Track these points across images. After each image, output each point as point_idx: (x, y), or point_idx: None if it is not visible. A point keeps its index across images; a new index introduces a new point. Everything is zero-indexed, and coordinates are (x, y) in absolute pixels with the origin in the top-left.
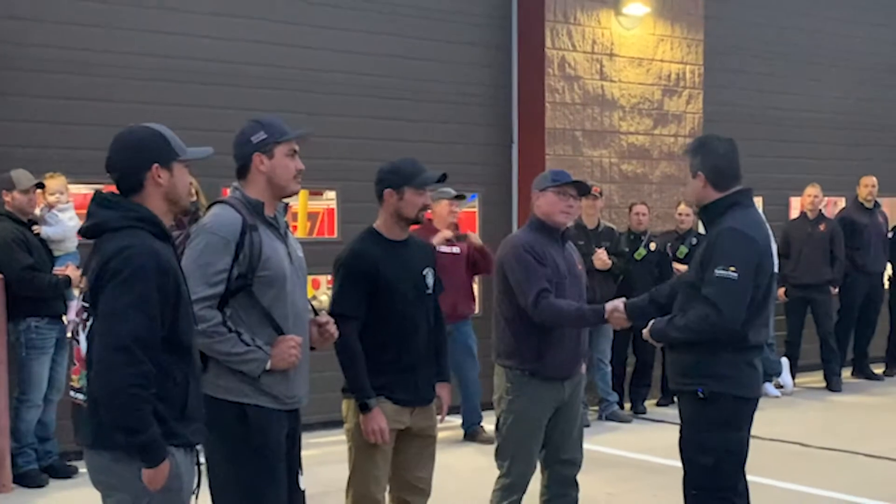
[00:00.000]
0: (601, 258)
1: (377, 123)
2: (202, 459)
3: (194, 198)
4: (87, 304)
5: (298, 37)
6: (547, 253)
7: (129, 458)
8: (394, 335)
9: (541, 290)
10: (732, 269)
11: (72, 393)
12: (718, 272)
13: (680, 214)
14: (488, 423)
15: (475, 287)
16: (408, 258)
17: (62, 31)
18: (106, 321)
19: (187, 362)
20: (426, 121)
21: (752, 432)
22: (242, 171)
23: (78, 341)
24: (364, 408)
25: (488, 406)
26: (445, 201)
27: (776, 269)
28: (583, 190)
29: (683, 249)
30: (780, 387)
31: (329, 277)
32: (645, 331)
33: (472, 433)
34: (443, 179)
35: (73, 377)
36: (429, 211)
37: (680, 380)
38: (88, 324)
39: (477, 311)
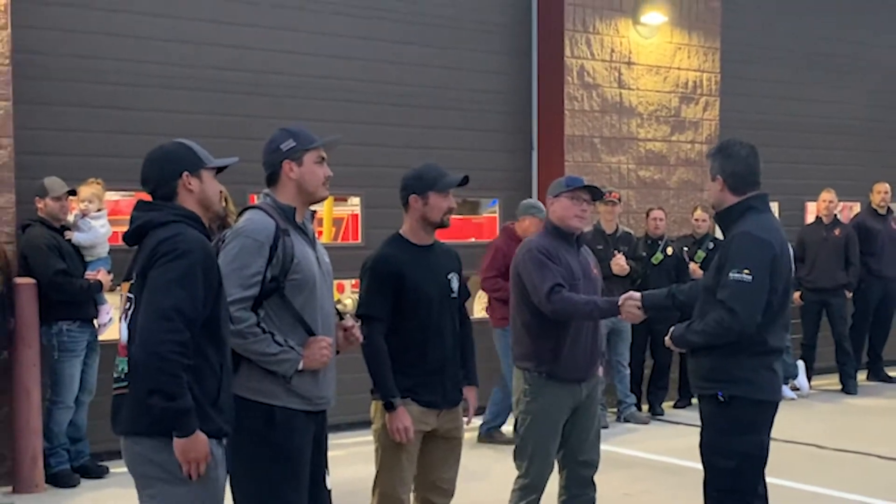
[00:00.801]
0: (619, 263)
1: (400, 131)
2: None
3: (223, 204)
4: (131, 296)
5: (323, 46)
6: (561, 256)
7: (169, 447)
8: (419, 338)
9: (554, 284)
10: (747, 271)
11: (114, 385)
12: (733, 275)
13: (696, 219)
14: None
15: None
16: (433, 263)
17: (95, 42)
18: (151, 294)
19: (223, 353)
20: (448, 127)
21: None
22: (273, 178)
23: (120, 331)
24: (389, 406)
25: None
26: (536, 219)
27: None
28: (596, 195)
29: (700, 254)
30: (796, 389)
31: (353, 281)
32: (667, 338)
33: (489, 434)
34: (465, 182)
35: (116, 368)
36: (520, 223)
37: (700, 383)
38: (130, 313)
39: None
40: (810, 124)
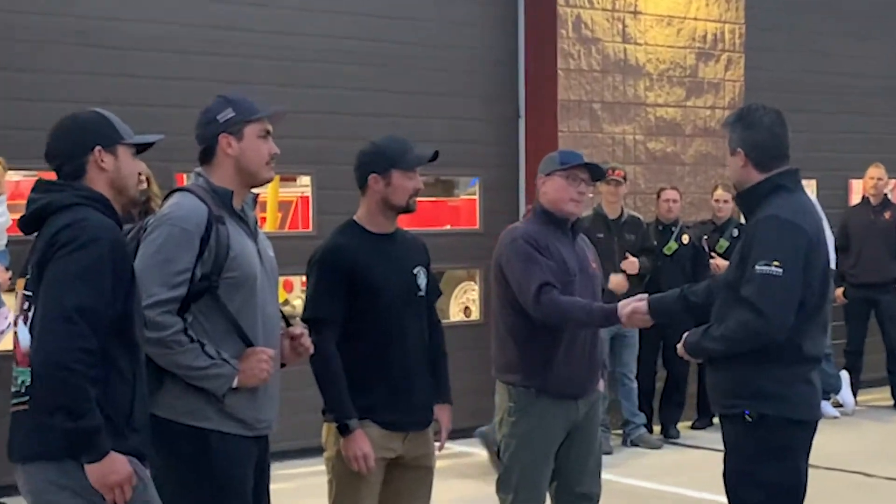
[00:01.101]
0: (632, 264)
1: (359, 96)
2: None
3: (144, 185)
4: (29, 293)
5: None
6: (552, 247)
7: (80, 468)
8: (379, 346)
9: (543, 283)
10: (776, 263)
11: (13, 401)
12: (759, 268)
13: (717, 201)
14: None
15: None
16: (396, 255)
17: None
18: (50, 289)
19: (136, 360)
20: (416, 92)
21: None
22: (207, 155)
23: (19, 336)
24: (344, 430)
25: (462, 431)
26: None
27: (833, 265)
28: (596, 174)
29: (723, 243)
30: (839, 405)
31: (304, 279)
32: (679, 345)
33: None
34: (434, 158)
35: (15, 381)
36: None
37: (723, 401)
38: (30, 315)
39: (476, 315)
40: (856, 86)
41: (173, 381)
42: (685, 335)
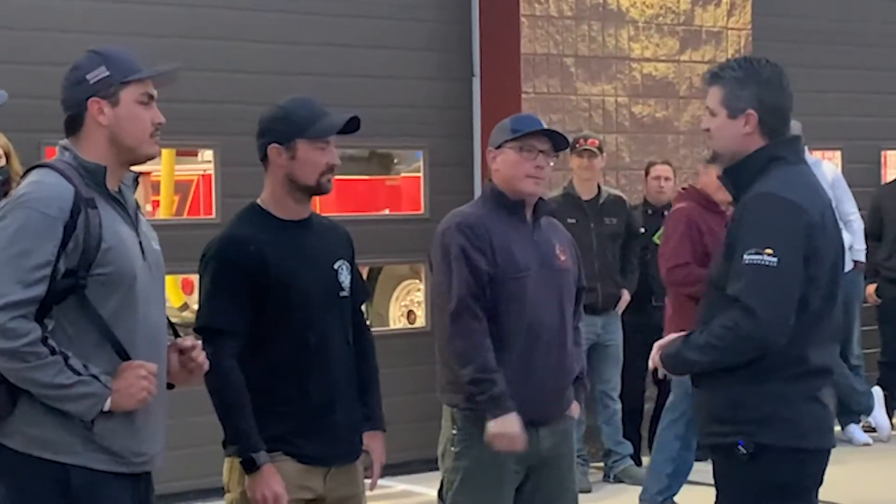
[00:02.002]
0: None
1: (275, 50)
2: None
3: (2, 162)
4: None
5: None
6: (499, 237)
7: None
8: (293, 360)
9: (463, 296)
10: (769, 251)
11: None
12: (749, 258)
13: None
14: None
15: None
16: (310, 246)
17: None
18: None
19: None
20: (345, 45)
21: (829, 496)
22: (74, 124)
23: None
24: (249, 465)
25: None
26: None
27: (861, 257)
28: (559, 143)
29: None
30: (871, 430)
31: None
32: (654, 355)
33: None
34: (353, 127)
35: None
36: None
37: (711, 428)
38: None
39: (422, 321)
40: (888, 35)
41: (29, 402)
42: (658, 346)
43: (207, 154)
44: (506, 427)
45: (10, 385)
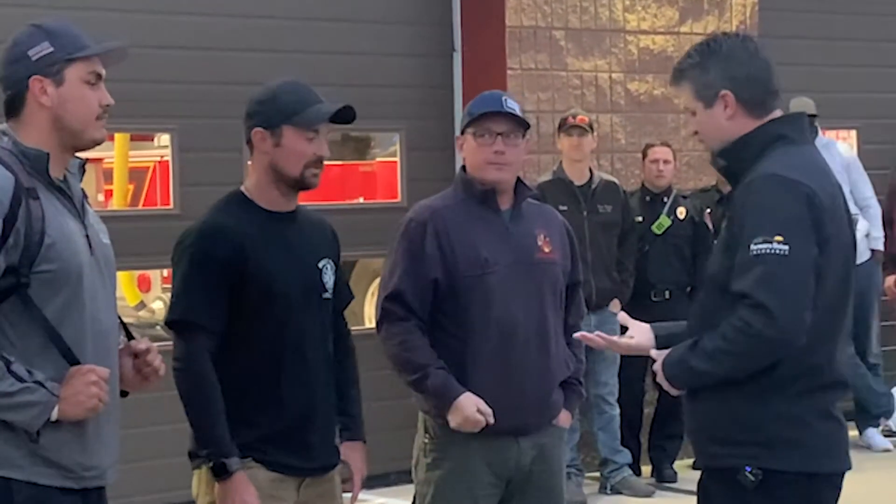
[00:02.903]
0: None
1: (238, 25)
2: None
3: None
4: None
5: None
6: (459, 232)
7: None
8: (270, 362)
9: (384, 300)
10: (779, 238)
11: None
12: (757, 248)
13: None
14: None
15: None
16: (296, 241)
17: None
18: None
19: None
20: (315, 20)
21: None
22: (14, 105)
23: None
24: (220, 471)
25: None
26: None
27: (879, 245)
28: (521, 123)
29: None
30: (891, 434)
31: (165, 273)
32: (657, 366)
33: None
34: (347, 117)
35: None
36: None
37: (710, 449)
38: None
39: None
40: None
41: None
42: (663, 355)
43: (164, 139)
44: (461, 414)
45: None
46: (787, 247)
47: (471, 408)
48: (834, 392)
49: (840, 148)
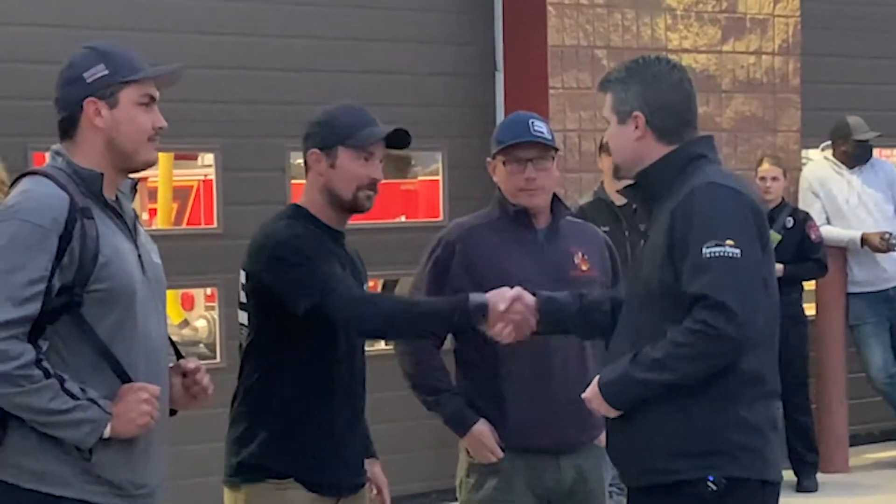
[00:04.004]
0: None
1: (281, 45)
2: None
3: None
4: None
5: None
6: (489, 250)
7: None
8: (322, 381)
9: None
10: (730, 242)
11: None
12: (710, 251)
13: (763, 179)
14: None
15: None
16: (346, 260)
17: None
18: None
19: None
20: (358, 39)
21: None
22: (69, 127)
23: None
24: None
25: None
26: None
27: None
28: (550, 146)
29: (775, 236)
30: None
31: (209, 291)
32: (589, 392)
33: None
34: (403, 141)
35: None
36: None
37: (667, 465)
38: None
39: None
40: None
41: (20, 430)
42: (598, 376)
43: (208, 158)
44: (475, 443)
45: (0, 411)
46: (738, 250)
47: (487, 437)
48: (776, 401)
49: (886, 166)
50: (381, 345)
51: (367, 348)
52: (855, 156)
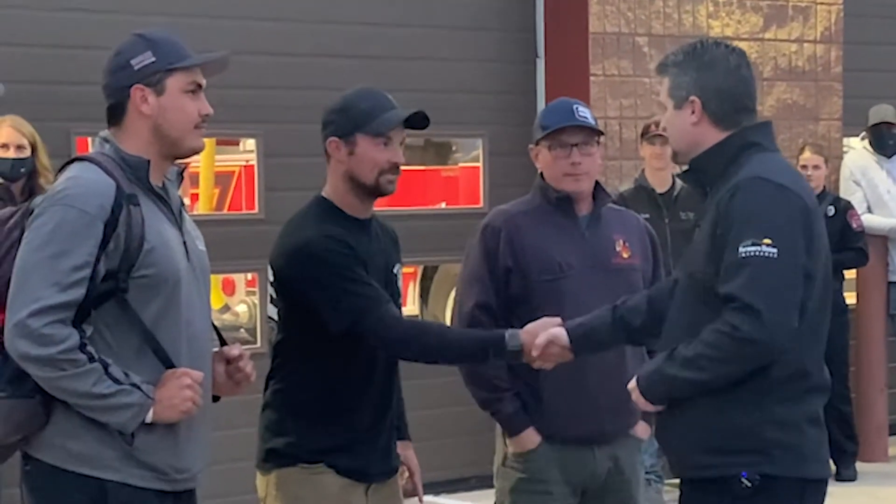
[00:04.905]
0: None
1: (323, 31)
2: None
3: (27, 153)
4: None
5: None
6: (532, 236)
7: None
8: (366, 367)
9: (470, 308)
10: (767, 241)
11: None
12: (745, 250)
13: (805, 167)
14: None
15: None
16: (374, 247)
17: None
18: None
19: None
20: (398, 26)
21: None
22: (116, 114)
23: None
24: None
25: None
26: None
27: None
28: (595, 130)
29: None
30: None
31: (250, 276)
32: (631, 385)
33: None
34: (420, 122)
35: None
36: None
37: (701, 460)
38: None
39: None
40: None
41: (64, 414)
42: (637, 374)
43: (250, 143)
44: (522, 447)
45: (44, 395)
46: (775, 250)
47: (534, 444)
48: (821, 396)
49: None
50: None
51: None
52: (877, 142)
